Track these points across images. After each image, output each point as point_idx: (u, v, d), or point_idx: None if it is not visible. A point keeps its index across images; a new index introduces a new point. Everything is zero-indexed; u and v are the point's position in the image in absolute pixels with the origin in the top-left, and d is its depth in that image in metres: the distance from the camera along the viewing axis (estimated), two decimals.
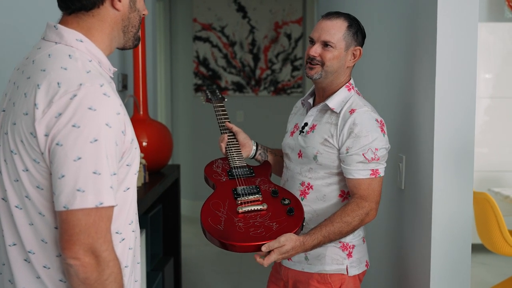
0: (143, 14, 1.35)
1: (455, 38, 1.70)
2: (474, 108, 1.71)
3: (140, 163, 2.73)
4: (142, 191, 2.57)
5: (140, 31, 1.35)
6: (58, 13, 1.30)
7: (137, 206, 2.32)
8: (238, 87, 6.00)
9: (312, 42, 1.81)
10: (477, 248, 4.89)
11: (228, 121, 1.97)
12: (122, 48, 1.35)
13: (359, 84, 2.87)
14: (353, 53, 1.81)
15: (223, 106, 2.02)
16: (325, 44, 1.77)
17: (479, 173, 4.77)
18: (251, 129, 6.10)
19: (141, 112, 3.10)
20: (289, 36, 5.94)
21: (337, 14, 1.80)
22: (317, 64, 1.79)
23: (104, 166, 1.12)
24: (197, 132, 6.04)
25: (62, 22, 1.26)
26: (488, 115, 4.79)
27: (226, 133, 1.94)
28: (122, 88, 3.35)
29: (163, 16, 5.81)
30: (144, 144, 2.95)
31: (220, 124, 1.96)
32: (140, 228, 2.78)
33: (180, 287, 3.50)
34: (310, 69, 1.80)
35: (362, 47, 1.83)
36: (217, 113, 2.00)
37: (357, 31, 1.80)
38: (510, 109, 4.74)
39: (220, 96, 2.07)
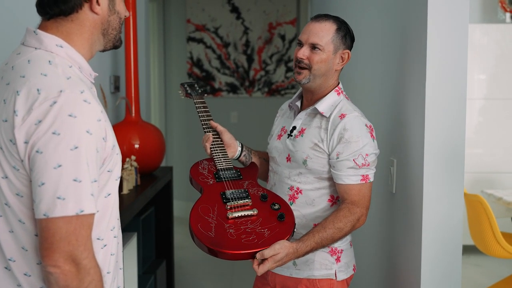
0: (125, 16, 1.33)
1: (446, 40, 1.69)
2: (464, 111, 1.71)
3: (132, 165, 2.71)
4: (134, 194, 2.55)
5: (120, 32, 1.34)
6: (37, 18, 1.28)
7: (128, 209, 2.32)
8: (232, 88, 5.99)
9: (301, 44, 1.79)
10: (470, 250, 4.89)
11: (212, 120, 1.92)
12: (103, 50, 1.34)
13: (350, 87, 2.87)
14: (341, 56, 1.79)
15: (204, 102, 1.95)
16: (313, 47, 1.76)
17: (473, 174, 4.78)
18: (245, 130, 6.13)
19: (133, 114, 3.08)
20: (283, 37, 5.93)
21: (326, 17, 1.79)
22: (305, 68, 1.77)
23: (85, 174, 1.11)
24: (191, 133, 6.03)
25: (41, 27, 1.24)
26: (482, 116, 4.79)
27: (210, 132, 1.89)
28: (115, 89, 3.33)
29: (156, 16, 5.79)
30: (136, 146, 2.93)
31: (203, 123, 1.90)
32: (132, 231, 2.76)
33: None
34: (298, 73, 1.79)
35: (350, 51, 1.82)
36: (198, 109, 1.92)
37: (346, 34, 1.79)
38: (504, 110, 4.75)
39: (200, 90, 1.99)
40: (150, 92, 4.95)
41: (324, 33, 1.75)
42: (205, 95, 2.01)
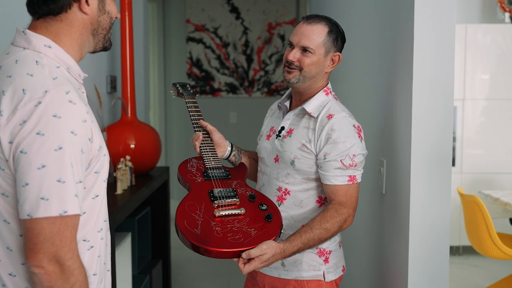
0: (116, 17, 1.33)
1: (432, 41, 1.69)
2: (451, 111, 1.70)
3: (126, 165, 2.71)
4: (128, 194, 2.55)
5: (110, 33, 1.33)
6: (28, 18, 1.29)
7: (122, 209, 2.32)
8: (232, 88, 5.99)
9: (291, 45, 1.78)
10: (468, 251, 4.88)
11: (202, 119, 1.92)
12: (93, 52, 1.33)
13: (340, 88, 2.87)
14: (332, 59, 1.78)
15: (195, 102, 1.96)
16: (304, 50, 1.74)
17: (473, 175, 4.77)
18: (244, 130, 6.12)
19: (129, 114, 3.08)
20: (282, 37, 5.93)
21: (318, 18, 1.77)
22: (295, 69, 1.76)
23: (69, 174, 1.11)
24: (191, 134, 6.01)
25: (31, 27, 1.25)
26: (484, 116, 4.78)
27: (200, 131, 1.89)
28: (111, 90, 3.34)
29: (156, 17, 5.80)
30: (132, 146, 2.93)
31: (194, 122, 1.90)
32: (126, 231, 2.76)
33: None
34: (288, 73, 1.78)
35: (341, 53, 1.81)
36: (189, 109, 1.93)
37: (337, 37, 1.77)
38: (504, 111, 4.73)
39: (191, 91, 2.00)
40: (150, 92, 4.96)
41: (315, 36, 1.73)
42: (197, 95, 2.01)
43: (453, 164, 4.79)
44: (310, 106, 1.78)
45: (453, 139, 4.79)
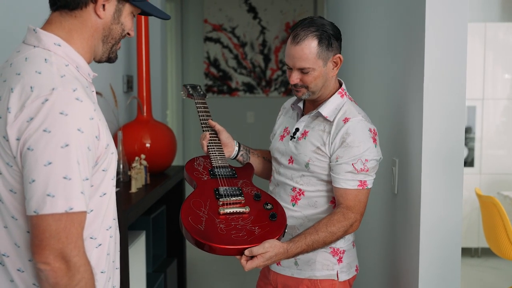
0: (128, 34, 1.34)
1: (444, 40, 1.66)
2: (464, 111, 1.68)
3: (141, 164, 2.74)
4: (143, 192, 2.57)
5: (118, 46, 1.34)
6: (41, 17, 1.31)
7: (136, 207, 2.34)
8: (249, 88, 5.99)
9: (289, 67, 1.75)
10: (487, 253, 4.81)
11: (211, 119, 1.93)
12: (98, 61, 1.34)
13: (352, 88, 2.85)
14: (334, 62, 1.75)
15: (205, 103, 1.98)
16: (302, 70, 1.71)
17: (493, 175, 4.70)
18: (262, 130, 6.11)
19: (145, 114, 3.11)
20: None
21: (303, 33, 1.69)
22: (302, 88, 1.75)
23: (75, 171, 1.12)
24: None
25: (47, 21, 1.27)
26: (505, 116, 4.70)
27: (208, 131, 1.90)
28: (128, 89, 3.36)
29: (174, 17, 5.83)
30: (147, 145, 2.96)
31: (202, 121, 1.92)
32: (141, 230, 2.78)
33: None
34: (297, 91, 1.77)
35: (340, 52, 1.76)
36: (198, 109, 1.95)
37: (329, 41, 1.70)
38: None
39: (202, 92, 2.02)
40: (167, 92, 4.99)
41: (307, 55, 1.69)
42: (206, 97, 2.03)
43: (472, 165, 4.72)
44: (326, 110, 1.77)
45: (472, 139, 4.72)
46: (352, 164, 1.68)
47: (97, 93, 2.74)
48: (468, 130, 4.74)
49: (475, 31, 4.65)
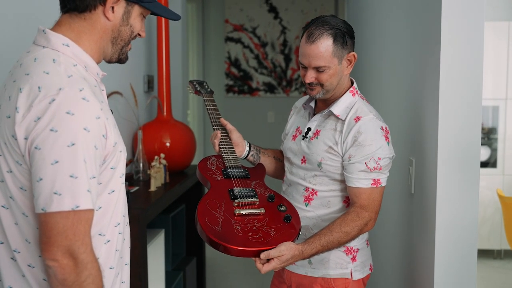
0: (139, 35, 1.35)
1: (460, 39, 1.65)
2: (480, 110, 1.66)
3: (161, 163, 2.77)
4: (162, 191, 2.60)
5: (128, 47, 1.35)
6: (51, 18, 1.33)
7: (155, 205, 2.37)
8: (269, 88, 6.00)
9: (304, 66, 1.75)
10: (510, 255, 4.74)
11: (221, 117, 1.93)
12: (108, 61, 1.36)
13: (368, 87, 2.84)
14: (348, 60, 1.75)
15: (213, 101, 1.97)
16: (318, 69, 1.71)
17: None
18: (282, 130, 6.09)
19: (165, 113, 3.14)
20: None
21: (318, 31, 1.69)
22: (316, 86, 1.75)
23: (81, 170, 1.14)
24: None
25: (57, 22, 1.29)
26: None
27: (218, 129, 1.90)
28: (149, 89, 3.40)
29: (195, 17, 5.86)
30: (167, 144, 2.99)
31: (213, 120, 1.91)
32: (160, 228, 2.81)
33: (204, 287, 3.52)
34: (311, 90, 1.76)
35: (354, 50, 1.75)
36: (208, 107, 1.94)
37: (344, 38, 1.71)
38: None
39: (209, 89, 2.02)
40: (188, 91, 5.02)
41: (322, 53, 1.68)
42: (214, 94, 2.02)
43: (495, 166, 4.66)
44: (338, 108, 1.77)
45: (495, 139, 4.66)
46: (365, 163, 1.68)
47: (117, 92, 2.80)
48: (493, 131, 4.67)
49: (499, 30, 4.59)
